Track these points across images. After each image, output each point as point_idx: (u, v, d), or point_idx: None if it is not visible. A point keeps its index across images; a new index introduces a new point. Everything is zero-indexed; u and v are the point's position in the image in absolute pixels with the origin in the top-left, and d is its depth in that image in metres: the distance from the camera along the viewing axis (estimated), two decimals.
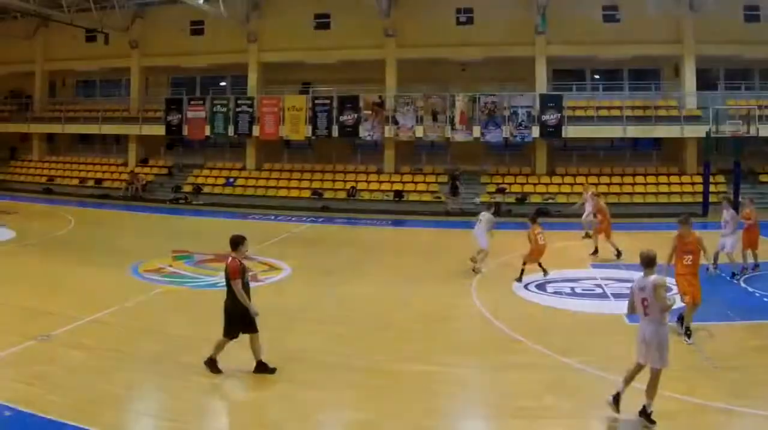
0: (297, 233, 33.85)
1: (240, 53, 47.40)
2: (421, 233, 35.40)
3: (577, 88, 46.70)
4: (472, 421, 12.31)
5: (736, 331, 16.61)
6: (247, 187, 46.29)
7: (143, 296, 19.68)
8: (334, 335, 15.92)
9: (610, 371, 12.97)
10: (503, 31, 44.24)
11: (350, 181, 45.33)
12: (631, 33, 43.41)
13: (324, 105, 44.97)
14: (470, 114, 43.56)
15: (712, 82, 46.25)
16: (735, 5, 43.18)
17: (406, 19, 45.75)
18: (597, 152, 46.74)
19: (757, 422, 11.50)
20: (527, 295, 20.49)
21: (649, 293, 11.66)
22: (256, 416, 12.10)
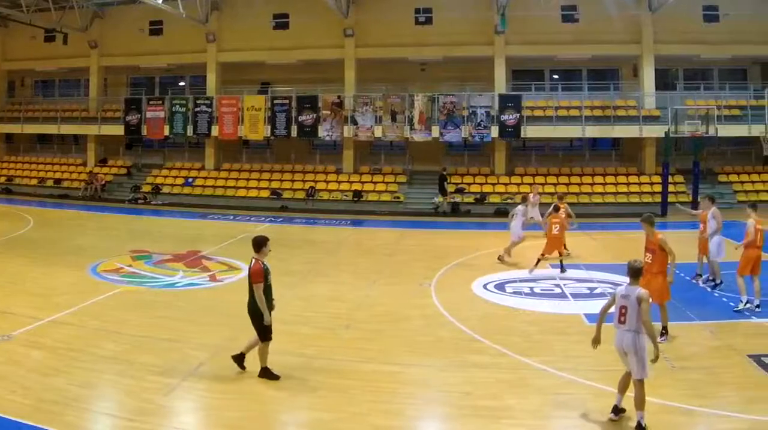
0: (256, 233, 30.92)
1: (199, 53, 45.41)
2: (381, 233, 34.02)
3: (536, 88, 45.09)
4: (432, 421, 12.11)
5: (695, 331, 16.06)
6: (206, 187, 44.40)
7: (102, 296, 19.13)
8: (295, 336, 15.33)
9: (570, 371, 13.03)
10: (462, 31, 42.79)
11: (309, 182, 43.59)
12: (590, 33, 42.25)
13: (283, 105, 43.09)
14: (429, 114, 41.85)
15: (670, 82, 45.16)
16: (694, 5, 41.95)
17: (365, 19, 43.98)
18: (556, 152, 45.32)
19: (718, 422, 11.18)
20: (487, 295, 19.87)
21: (631, 303, 11.33)
22: (216, 415, 11.69)
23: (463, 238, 29.65)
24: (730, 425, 11.07)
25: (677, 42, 41.94)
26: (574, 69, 45.85)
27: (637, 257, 12.70)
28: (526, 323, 16.95)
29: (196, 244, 28.19)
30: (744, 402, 11.78)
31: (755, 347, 14.46)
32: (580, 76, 45.94)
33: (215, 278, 21.50)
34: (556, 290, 20.53)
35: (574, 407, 11.78)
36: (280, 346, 14.01)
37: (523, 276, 21.98)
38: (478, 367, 13.79)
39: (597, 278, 21.46)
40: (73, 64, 48.86)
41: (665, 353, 13.90)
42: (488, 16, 42.85)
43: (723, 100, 41.47)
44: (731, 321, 16.77)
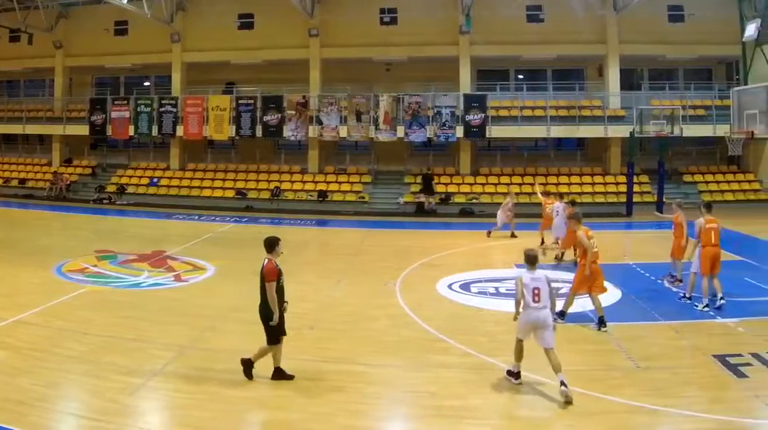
0: (221, 233, 31.72)
1: (164, 53, 43.75)
2: (345, 233, 33.01)
3: (501, 88, 43.67)
4: (397, 421, 11.79)
5: (660, 331, 15.68)
6: (171, 187, 42.65)
7: (67, 296, 18.53)
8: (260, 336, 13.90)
9: (534, 371, 12.61)
10: (427, 31, 41.50)
11: (274, 182, 42.04)
12: (555, 33, 41.13)
13: (248, 105, 41.49)
14: (394, 114, 40.34)
15: (636, 82, 44.08)
16: (659, 5, 40.92)
17: (330, 19, 42.42)
18: (521, 152, 43.94)
19: (682, 422, 10.93)
20: (451, 295, 19.30)
21: (542, 284, 12.47)
22: (181, 415, 11.34)
23: (428, 238, 28.73)
24: (694, 425, 10.82)
25: (642, 42, 40.93)
26: (540, 69, 44.52)
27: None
28: (491, 323, 16.48)
29: (161, 244, 27.29)
30: (708, 402, 11.55)
31: (720, 347, 14.14)
32: (545, 76, 44.58)
33: (180, 278, 21.00)
34: None
35: (539, 407, 11.56)
36: (246, 346, 13.65)
37: (488, 276, 21.22)
38: (443, 367, 13.45)
39: (562, 278, 20.24)
40: (38, 64, 46.87)
41: (630, 352, 13.92)
42: (453, 16, 41.46)
43: (688, 100, 40.50)
44: (696, 321, 16.34)
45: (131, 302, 18.09)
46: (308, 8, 41.69)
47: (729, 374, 12.78)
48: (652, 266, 21.96)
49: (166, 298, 18.83)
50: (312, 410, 11.43)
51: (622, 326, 15.78)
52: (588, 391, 11.82)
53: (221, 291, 19.58)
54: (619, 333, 15.28)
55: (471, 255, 23.71)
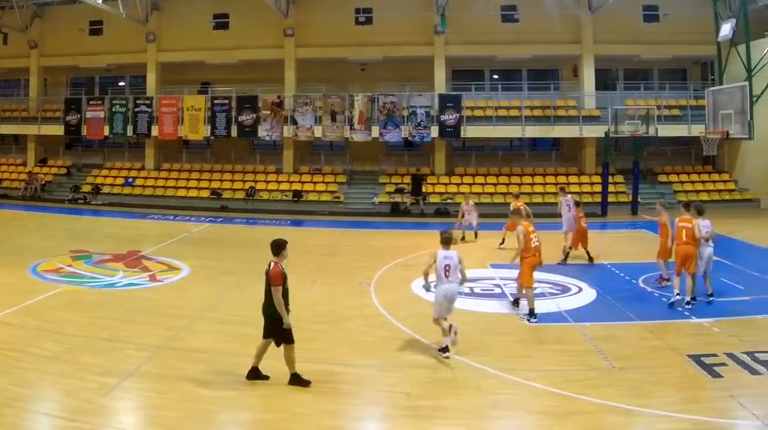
0: (196, 233, 30.84)
1: (139, 53, 42.23)
2: (320, 233, 31.94)
3: (476, 88, 42.45)
4: (372, 421, 11.52)
5: (635, 331, 15.39)
6: (146, 187, 41.29)
7: (42, 296, 18.10)
8: (236, 336, 14.63)
9: (508, 371, 12.63)
10: (402, 31, 40.31)
11: (249, 182, 40.75)
12: (530, 33, 40.06)
13: (223, 105, 40.16)
14: (369, 114, 39.13)
15: (611, 82, 42.89)
16: (634, 5, 39.78)
17: (305, 19, 41.04)
18: (496, 152, 42.73)
19: (657, 422, 10.71)
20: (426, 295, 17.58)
21: (453, 262, 13.73)
22: (156, 415, 11.03)
23: (403, 238, 27.96)
24: (669, 425, 10.61)
25: (617, 42, 39.88)
26: (514, 69, 43.33)
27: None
28: (466, 322, 15.60)
29: (136, 244, 26.55)
30: (683, 402, 11.43)
31: (695, 347, 13.91)
32: (520, 76, 43.34)
33: (155, 278, 20.56)
34: (495, 290, 19.43)
35: (513, 407, 11.44)
36: (221, 346, 13.91)
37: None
38: (418, 367, 13.17)
39: (537, 277, 19.36)
40: (12, 64, 45.35)
41: (605, 353, 13.66)
42: (428, 16, 40.26)
43: (663, 100, 39.50)
44: (671, 321, 16.05)
45: (106, 302, 17.68)
46: (283, 8, 40.49)
47: (704, 374, 12.53)
48: (628, 266, 21.65)
49: (140, 298, 18.38)
50: (287, 410, 11.18)
51: (598, 326, 15.46)
52: (563, 391, 11.61)
53: (196, 291, 19.17)
54: (594, 333, 14.93)
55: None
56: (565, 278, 20.26)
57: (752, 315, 16.33)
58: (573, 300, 18.01)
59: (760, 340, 14.32)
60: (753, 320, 15.91)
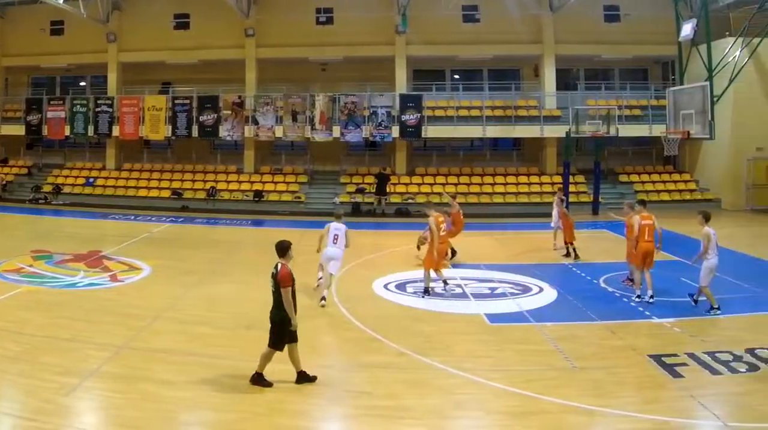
0: (157, 233, 29.53)
1: (100, 53, 39.92)
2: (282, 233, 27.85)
3: (437, 88, 40.44)
4: (333, 421, 11.01)
5: (596, 331, 14.83)
6: (107, 187, 39.04)
7: (3, 297, 17.22)
8: (197, 335, 14.26)
9: (470, 371, 12.12)
10: (363, 31, 38.29)
11: (210, 182, 38.58)
12: (491, 33, 38.14)
13: (184, 105, 38.04)
14: (330, 114, 37.19)
15: (572, 82, 41.05)
16: (595, 5, 38.00)
17: (266, 19, 38.94)
18: (457, 152, 40.72)
19: (618, 422, 10.25)
20: (387, 295, 18.25)
21: (341, 232, 17.06)
22: (117, 415, 10.43)
23: (364, 238, 26.16)
24: (630, 425, 10.20)
25: (578, 42, 38.10)
26: (475, 69, 41.40)
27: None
28: (427, 322, 15.54)
29: (97, 244, 25.25)
30: (644, 402, 10.93)
31: (656, 347, 13.40)
32: (481, 76, 41.43)
33: (116, 278, 19.64)
34: (457, 290, 18.58)
35: (474, 407, 10.91)
36: (182, 345, 13.44)
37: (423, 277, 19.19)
38: (379, 367, 12.64)
39: (498, 277, 19.81)
40: None
41: (566, 352, 13.16)
42: (389, 16, 38.34)
43: (624, 100, 37.83)
44: (632, 321, 15.50)
45: (67, 302, 16.88)
46: (244, 8, 38.42)
47: (665, 373, 12.05)
48: (589, 266, 21.15)
49: (101, 298, 17.55)
50: (248, 410, 10.67)
51: (559, 326, 15.00)
52: (525, 391, 11.19)
53: (157, 291, 18.40)
54: (555, 333, 14.43)
55: (407, 255, 22.76)
56: (526, 278, 19.53)
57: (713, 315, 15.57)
58: (534, 300, 17.33)
59: (721, 340, 13.81)
60: (714, 320, 15.25)
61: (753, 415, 10.34)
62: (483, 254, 23.67)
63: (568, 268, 21.45)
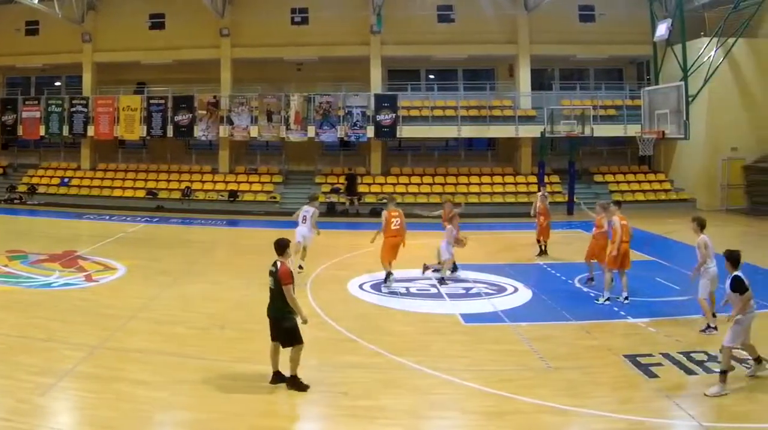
0: (132, 233, 28.52)
1: (75, 53, 38.57)
2: (256, 233, 29.42)
3: (412, 88, 39.13)
4: (309, 421, 10.59)
5: (571, 331, 14.43)
6: (82, 187, 37.70)
7: None
8: (171, 335, 13.86)
9: (445, 371, 11.65)
10: (338, 31, 36.99)
11: (185, 182, 37.31)
12: (466, 33, 36.96)
13: (159, 105, 36.73)
14: (305, 114, 36.00)
15: (546, 82, 39.86)
16: (570, 5, 36.87)
17: (241, 19, 37.63)
18: (432, 152, 39.43)
19: (593, 422, 9.88)
20: (362, 295, 17.72)
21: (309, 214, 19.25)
22: (92, 415, 9.92)
23: (338, 238, 25.84)
24: (605, 425, 9.87)
25: (553, 42, 36.83)
26: (450, 69, 40.15)
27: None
28: (402, 323, 15.22)
29: (72, 244, 24.42)
30: (619, 402, 10.58)
31: (630, 347, 13.03)
32: (456, 76, 40.15)
33: (91, 278, 18.98)
34: (432, 290, 18.12)
35: (449, 407, 10.61)
36: (157, 345, 13.06)
37: (398, 276, 18.76)
38: (354, 367, 12.25)
39: (473, 278, 19.24)
40: None
41: (541, 352, 12.72)
42: (364, 16, 36.97)
43: (599, 100, 36.69)
44: (607, 321, 15.09)
45: (42, 302, 16.35)
46: (219, 8, 37.12)
47: (640, 373, 11.69)
48: (563, 266, 20.59)
49: (77, 298, 16.97)
50: (223, 409, 10.30)
51: (534, 326, 14.58)
52: (499, 391, 10.86)
53: (132, 291, 17.79)
54: (530, 333, 14.03)
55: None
56: (501, 278, 19.00)
57: (688, 315, 15.03)
58: (509, 300, 16.80)
59: (696, 340, 13.39)
60: (689, 321, 14.66)
61: (728, 415, 10.06)
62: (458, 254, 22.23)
63: (542, 268, 20.89)
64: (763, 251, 22.70)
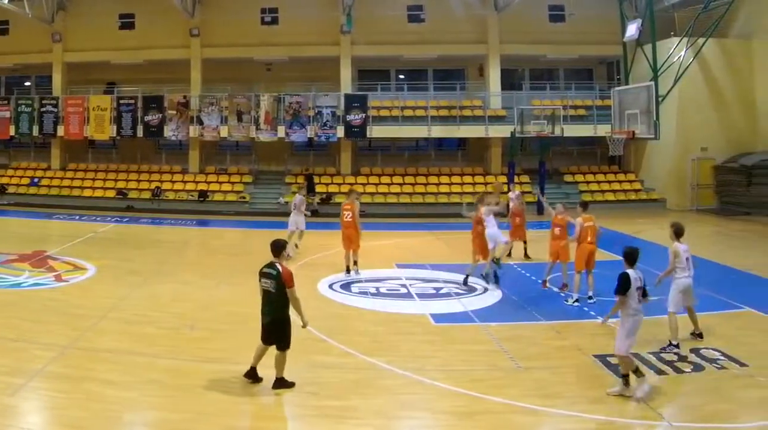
0: (102, 233, 27.36)
1: (45, 53, 36.87)
2: (226, 233, 28.92)
3: (382, 88, 37.68)
4: (279, 421, 10.04)
5: (541, 331, 13.96)
6: (51, 187, 36.04)
7: None
8: (141, 335, 13.23)
9: (415, 371, 11.25)
10: (308, 31, 35.41)
11: (155, 182, 35.71)
12: (436, 33, 35.56)
13: (129, 105, 35.14)
14: (275, 114, 34.50)
15: (517, 82, 38.33)
16: (540, 5, 35.53)
17: (211, 19, 36.07)
18: (402, 152, 37.91)
19: (563, 422, 9.55)
20: (332, 295, 17.09)
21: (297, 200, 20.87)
22: (62, 415, 9.51)
23: (309, 238, 23.97)
24: (575, 425, 9.49)
25: (523, 42, 35.51)
26: (420, 69, 38.65)
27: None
28: (372, 323, 14.69)
29: (42, 244, 23.59)
30: (589, 402, 10.07)
31: (600, 347, 12.46)
32: (426, 75, 38.69)
33: (61, 278, 18.29)
34: (402, 290, 17.57)
35: (419, 407, 10.17)
36: (127, 345, 12.47)
37: (368, 276, 18.75)
38: (325, 367, 11.72)
39: (443, 277, 18.62)
40: None
41: (511, 352, 12.24)
42: (334, 16, 35.59)
43: (569, 100, 35.54)
44: (577, 321, 14.56)
45: (12, 302, 15.75)
46: (189, 8, 35.66)
47: (610, 373, 11.23)
48: (533, 266, 19.91)
49: (46, 298, 16.36)
50: (192, 409, 9.82)
51: (504, 327, 14.08)
52: (469, 391, 10.39)
53: (102, 291, 17.11)
54: (500, 333, 13.58)
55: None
56: (471, 278, 17.84)
57: (658, 315, 13.67)
58: (479, 300, 16.18)
59: (666, 340, 12.52)
60: (659, 320, 13.47)
61: (698, 415, 9.76)
62: (428, 254, 22.50)
63: (513, 268, 20.01)
64: (734, 252, 22.28)
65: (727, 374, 11.11)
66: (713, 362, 11.46)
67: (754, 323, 14.18)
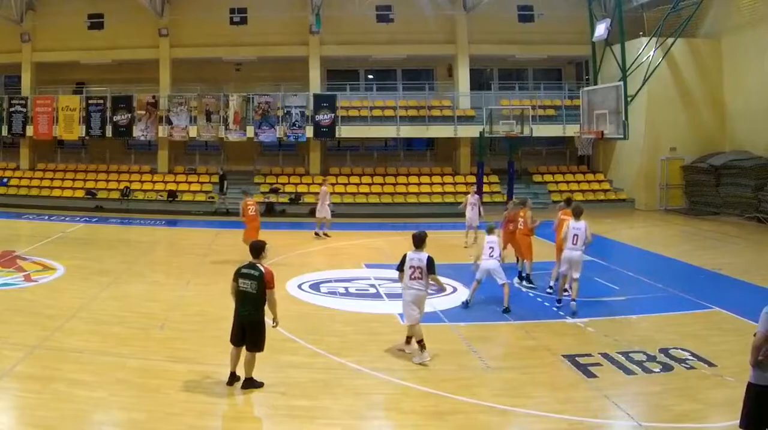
0: (71, 233, 25.10)
1: (14, 53, 33.06)
2: (195, 233, 26.19)
3: (351, 88, 34.35)
4: (247, 421, 9.25)
5: (510, 331, 12.84)
6: (20, 187, 32.52)
7: None
8: (110, 335, 11.98)
9: (384, 371, 10.56)
10: (277, 31, 32.23)
11: (124, 182, 32.18)
12: (405, 33, 32.25)
13: (98, 105, 31.66)
14: (244, 114, 31.16)
15: (485, 82, 35.10)
16: (509, 5, 32.30)
17: (180, 19, 32.60)
18: (371, 152, 34.62)
19: (533, 422, 9.02)
20: (301, 295, 15.55)
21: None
22: (30, 415, 8.83)
23: (278, 237, 22.03)
24: (545, 425, 8.92)
25: (492, 42, 32.34)
26: (389, 69, 35.51)
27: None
28: (341, 323, 13.54)
29: (11, 244, 21.75)
30: (558, 402, 9.41)
31: (570, 347, 11.56)
32: (394, 75, 35.52)
33: (30, 278, 16.91)
34: (371, 290, 16.47)
35: (388, 407, 9.52)
36: (96, 345, 11.39)
37: (337, 276, 17.70)
38: (293, 367, 10.69)
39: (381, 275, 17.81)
40: None
41: (480, 352, 11.39)
42: (303, 16, 32.26)
43: (538, 100, 32.48)
44: (546, 321, 13.46)
45: None
46: (158, 8, 32.26)
47: (579, 373, 10.38)
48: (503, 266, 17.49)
49: (15, 298, 15.11)
50: (160, 409, 9.01)
51: (473, 326, 13.01)
52: (438, 391, 9.63)
53: (71, 291, 15.84)
54: (469, 333, 12.54)
55: (321, 255, 21.00)
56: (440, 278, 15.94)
57: (627, 315, 13.76)
58: (448, 300, 14.98)
59: (635, 340, 12.00)
60: (628, 320, 13.40)
61: (667, 415, 9.09)
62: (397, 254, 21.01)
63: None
64: (703, 252, 21.05)
65: (696, 374, 10.44)
66: (682, 362, 10.82)
67: (722, 323, 13.31)
